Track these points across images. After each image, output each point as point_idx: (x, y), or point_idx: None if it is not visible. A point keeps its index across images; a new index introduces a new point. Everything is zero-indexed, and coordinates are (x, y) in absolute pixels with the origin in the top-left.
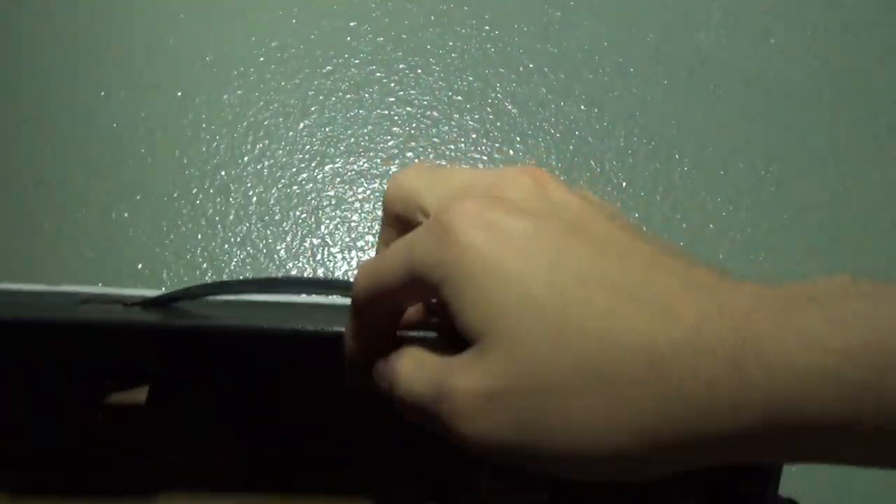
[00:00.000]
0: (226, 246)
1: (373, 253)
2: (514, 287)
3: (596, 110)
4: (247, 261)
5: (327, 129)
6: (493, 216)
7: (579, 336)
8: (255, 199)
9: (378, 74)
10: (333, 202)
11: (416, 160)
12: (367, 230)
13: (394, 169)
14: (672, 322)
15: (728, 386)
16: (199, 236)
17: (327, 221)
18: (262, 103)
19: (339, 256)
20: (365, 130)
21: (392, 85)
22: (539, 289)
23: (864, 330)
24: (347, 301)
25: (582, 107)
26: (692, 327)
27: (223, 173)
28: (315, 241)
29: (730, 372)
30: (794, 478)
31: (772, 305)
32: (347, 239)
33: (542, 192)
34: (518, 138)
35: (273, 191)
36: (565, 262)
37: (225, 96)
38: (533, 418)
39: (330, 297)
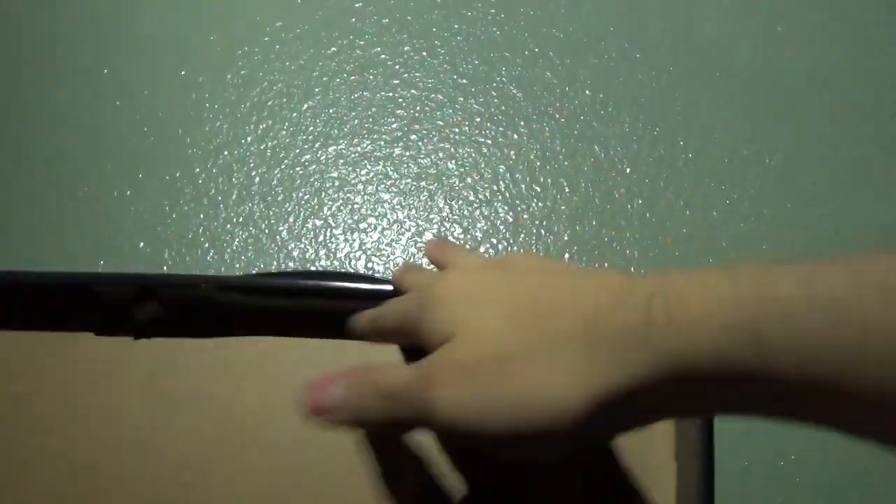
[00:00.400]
0: (228, 226)
1: (376, 235)
2: (475, 295)
3: (601, 95)
4: (249, 241)
5: (331, 111)
6: (462, 271)
7: (526, 315)
8: (257, 179)
9: (383, 56)
10: (336, 184)
11: (420, 143)
12: (369, 212)
13: (398, 151)
14: (603, 290)
15: (638, 329)
16: (202, 216)
17: (330, 203)
18: (265, 84)
19: (342, 238)
20: (369, 112)
21: (397, 67)
22: (494, 293)
23: (754, 283)
24: None
25: (587, 92)
26: (616, 289)
27: (226, 153)
28: (318, 223)
29: (641, 317)
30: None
31: (686, 270)
32: (350, 221)
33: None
34: (522, 122)
35: (276, 171)
36: (516, 280)
37: (228, 76)
38: (492, 384)
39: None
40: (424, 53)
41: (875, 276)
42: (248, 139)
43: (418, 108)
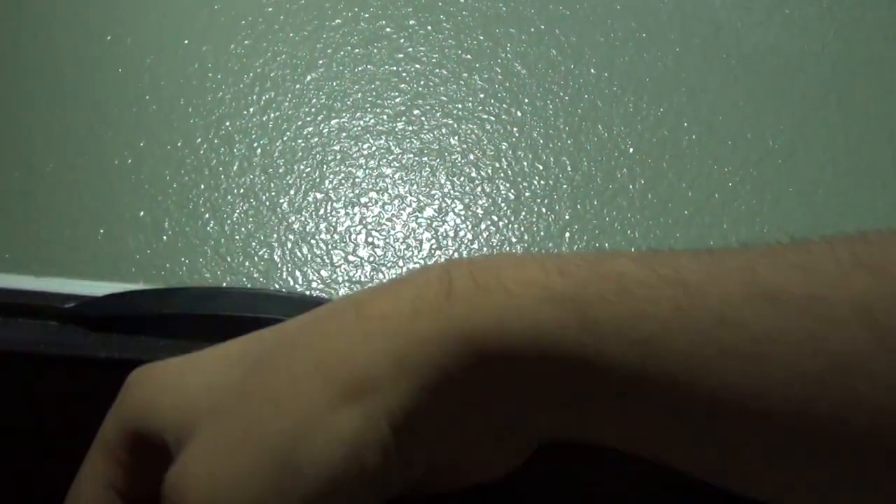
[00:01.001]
0: (228, 197)
1: (376, 209)
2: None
3: (606, 74)
4: (249, 213)
5: (334, 84)
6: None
7: (252, 361)
8: (259, 150)
9: (388, 30)
10: (338, 157)
11: (423, 118)
12: (371, 186)
13: (400, 126)
14: (356, 298)
15: (430, 304)
16: (202, 186)
17: (331, 176)
18: (269, 54)
19: (343, 212)
20: (372, 86)
21: (401, 41)
22: (204, 361)
23: (587, 261)
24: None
25: (592, 70)
26: (381, 286)
27: (228, 124)
28: (318, 196)
29: (433, 293)
30: None
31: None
32: (351, 194)
33: None
34: (526, 100)
35: (278, 143)
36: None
37: (232, 46)
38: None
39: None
40: (429, 27)
41: (734, 262)
42: (251, 110)
43: (422, 82)
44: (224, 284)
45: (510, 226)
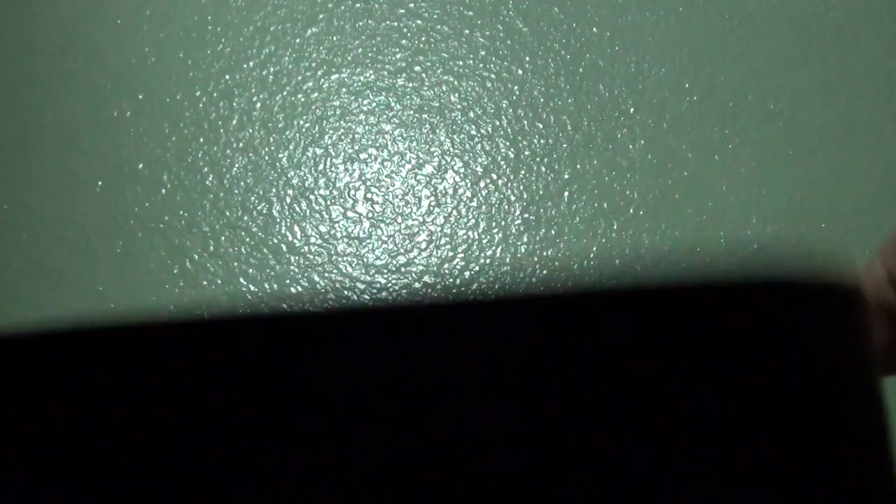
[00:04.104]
0: (227, 151)
1: (376, 166)
2: None
3: (608, 34)
4: (248, 167)
5: (335, 38)
6: None
7: None
8: (258, 105)
9: None
10: (338, 112)
11: (424, 75)
12: (370, 142)
13: (401, 82)
14: None
15: None
16: (201, 139)
17: (331, 132)
18: (269, 7)
19: (342, 168)
20: (373, 42)
21: None
22: None
23: None
24: None
25: (594, 29)
26: None
27: (227, 77)
28: (318, 151)
29: None
30: None
31: None
32: (350, 150)
33: None
34: (528, 58)
35: (277, 98)
36: None
37: None
38: None
39: None
40: None
41: None
42: (251, 64)
43: (423, 39)
44: (222, 238)
45: (509, 184)
